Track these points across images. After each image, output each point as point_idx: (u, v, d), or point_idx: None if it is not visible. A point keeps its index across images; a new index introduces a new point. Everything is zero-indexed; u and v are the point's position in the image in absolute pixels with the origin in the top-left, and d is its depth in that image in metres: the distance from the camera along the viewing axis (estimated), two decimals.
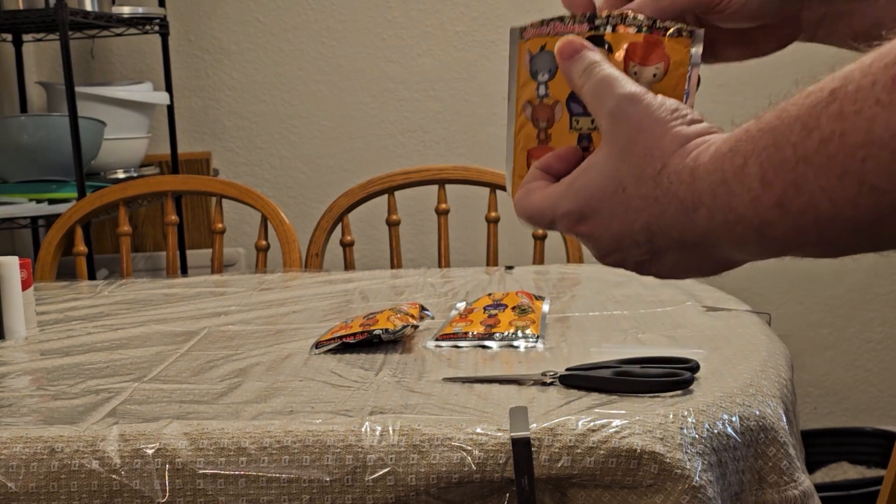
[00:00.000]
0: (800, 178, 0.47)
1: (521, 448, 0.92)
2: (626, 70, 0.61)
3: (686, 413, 0.95)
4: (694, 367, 1.06)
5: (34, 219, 2.43)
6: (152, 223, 2.89)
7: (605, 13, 0.62)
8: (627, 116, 0.56)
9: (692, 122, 0.55)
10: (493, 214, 2.12)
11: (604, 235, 0.58)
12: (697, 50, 0.62)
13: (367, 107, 2.91)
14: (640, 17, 0.62)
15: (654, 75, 0.61)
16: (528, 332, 1.28)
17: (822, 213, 0.47)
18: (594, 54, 0.60)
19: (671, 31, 0.62)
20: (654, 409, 0.96)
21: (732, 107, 2.69)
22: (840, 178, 0.46)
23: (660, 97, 0.56)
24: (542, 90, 0.64)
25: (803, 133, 0.47)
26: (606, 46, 0.61)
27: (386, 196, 2.17)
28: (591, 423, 0.93)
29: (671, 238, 0.55)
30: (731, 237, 0.52)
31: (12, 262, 1.44)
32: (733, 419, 0.97)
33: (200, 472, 0.94)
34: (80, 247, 2.12)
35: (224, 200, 2.19)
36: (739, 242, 0.52)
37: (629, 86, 0.57)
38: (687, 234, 0.54)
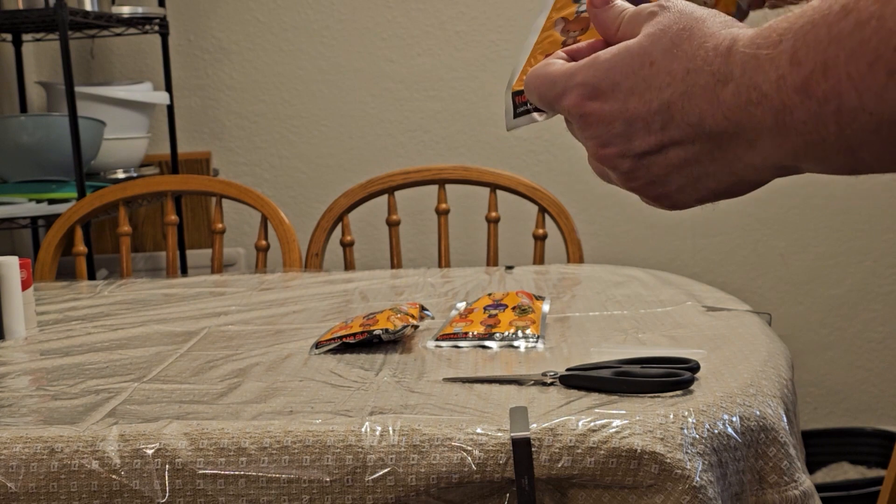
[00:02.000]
0: (829, 61, 0.45)
1: (522, 448, 0.92)
2: None
3: (686, 413, 0.95)
4: (694, 367, 1.06)
5: (34, 219, 2.43)
6: (152, 223, 2.89)
7: None
8: (676, 5, 0.54)
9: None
10: (493, 214, 2.12)
11: (614, 116, 0.55)
12: None
13: (367, 107, 2.91)
14: None
15: None
16: (528, 332, 1.28)
17: (845, 103, 0.45)
18: (624, 2, 0.58)
19: None
20: (654, 410, 0.96)
21: None
22: (870, 66, 0.43)
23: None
24: (582, 7, 0.63)
25: (841, 13, 0.45)
26: None
27: (386, 196, 2.17)
28: (592, 424, 0.93)
29: (688, 125, 0.52)
30: (749, 122, 0.50)
31: (12, 262, 1.44)
32: (734, 419, 0.97)
33: (200, 472, 0.94)
34: (80, 247, 2.12)
35: (224, 200, 2.19)
36: (756, 129, 0.50)
37: None
38: (706, 119, 0.52)
